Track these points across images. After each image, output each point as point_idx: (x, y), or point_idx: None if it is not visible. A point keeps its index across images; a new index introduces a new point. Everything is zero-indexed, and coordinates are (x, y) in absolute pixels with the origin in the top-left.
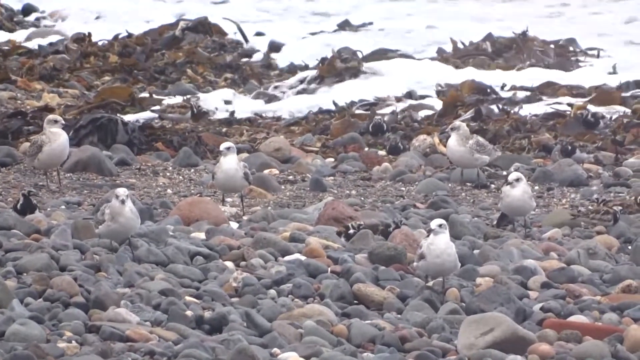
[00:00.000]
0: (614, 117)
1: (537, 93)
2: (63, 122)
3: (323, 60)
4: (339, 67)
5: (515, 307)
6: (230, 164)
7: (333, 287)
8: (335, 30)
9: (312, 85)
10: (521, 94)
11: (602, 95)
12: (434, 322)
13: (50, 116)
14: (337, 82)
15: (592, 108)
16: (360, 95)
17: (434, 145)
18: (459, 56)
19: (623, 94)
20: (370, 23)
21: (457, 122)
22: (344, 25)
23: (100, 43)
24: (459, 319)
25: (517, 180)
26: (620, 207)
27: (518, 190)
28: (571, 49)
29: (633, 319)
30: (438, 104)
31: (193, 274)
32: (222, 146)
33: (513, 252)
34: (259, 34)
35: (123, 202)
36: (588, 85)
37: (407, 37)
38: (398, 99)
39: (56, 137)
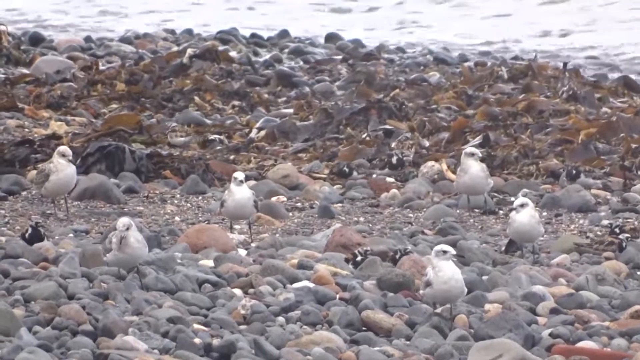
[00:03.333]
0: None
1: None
2: (70, 157)
3: None
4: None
5: (524, 333)
6: (244, 193)
7: (341, 314)
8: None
9: None
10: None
11: None
12: (442, 349)
13: (61, 148)
14: None
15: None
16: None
17: (442, 172)
18: (471, 83)
19: None
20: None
21: (477, 151)
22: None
23: (107, 71)
24: (468, 345)
25: (522, 205)
26: (627, 235)
27: (525, 216)
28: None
29: None
30: None
31: (201, 302)
32: (238, 176)
33: (522, 278)
34: (267, 62)
35: (126, 233)
36: None
37: None
38: (412, 128)
39: (64, 166)
